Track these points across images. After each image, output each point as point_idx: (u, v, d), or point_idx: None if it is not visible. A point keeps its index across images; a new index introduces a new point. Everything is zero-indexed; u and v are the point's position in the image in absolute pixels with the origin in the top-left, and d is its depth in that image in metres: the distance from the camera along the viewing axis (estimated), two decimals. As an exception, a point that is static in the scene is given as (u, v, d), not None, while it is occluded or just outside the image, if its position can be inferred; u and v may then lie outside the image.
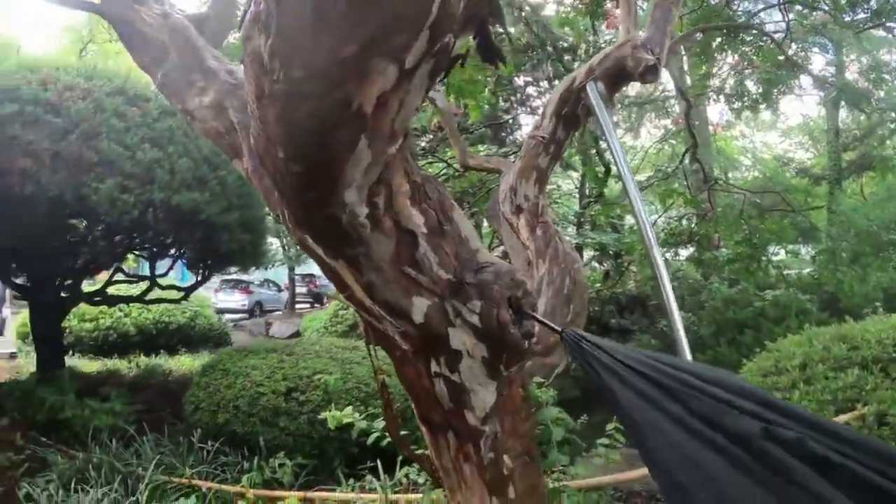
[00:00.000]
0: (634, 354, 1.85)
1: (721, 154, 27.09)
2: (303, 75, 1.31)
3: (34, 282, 8.86)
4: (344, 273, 2.08)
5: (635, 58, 4.37)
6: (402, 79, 1.36)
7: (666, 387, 1.71)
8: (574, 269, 4.47)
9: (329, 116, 1.38)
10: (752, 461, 1.51)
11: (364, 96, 1.35)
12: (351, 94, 1.33)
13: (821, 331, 6.14)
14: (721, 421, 1.58)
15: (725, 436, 1.56)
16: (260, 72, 1.37)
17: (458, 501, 2.75)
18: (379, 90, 1.35)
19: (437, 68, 1.47)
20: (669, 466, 1.64)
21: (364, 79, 1.31)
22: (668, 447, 1.65)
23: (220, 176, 7.66)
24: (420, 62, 1.36)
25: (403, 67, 1.34)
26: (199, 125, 3.06)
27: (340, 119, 1.39)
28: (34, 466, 6.06)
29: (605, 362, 1.87)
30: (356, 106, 1.35)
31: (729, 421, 1.56)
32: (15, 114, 6.21)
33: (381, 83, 1.34)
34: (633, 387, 1.77)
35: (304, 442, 5.82)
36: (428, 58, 1.38)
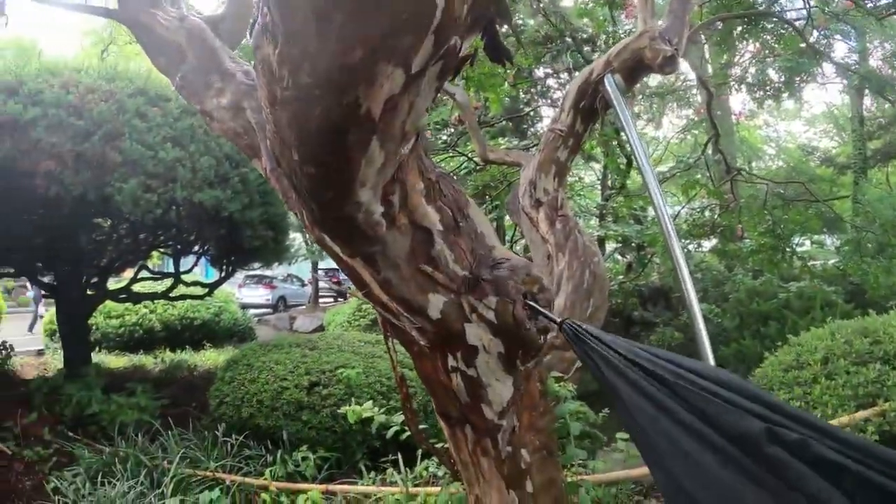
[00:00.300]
0: (635, 349, 1.84)
1: (744, 144, 26.80)
2: (311, 81, 1.33)
3: (61, 280, 9.01)
4: (361, 271, 2.11)
5: (653, 49, 4.34)
6: (410, 82, 1.38)
7: (666, 383, 1.70)
8: (594, 262, 4.46)
9: (339, 121, 1.40)
10: (753, 463, 1.49)
11: (372, 101, 1.37)
12: (359, 99, 1.35)
13: (843, 324, 6.07)
14: (722, 420, 1.56)
15: (726, 436, 1.55)
16: (270, 79, 1.40)
17: (476, 495, 2.78)
18: (387, 94, 1.37)
19: (445, 70, 1.49)
20: (668, 464, 1.63)
21: (371, 83, 1.33)
22: (668, 445, 1.64)
23: (242, 173, 7.73)
24: (427, 65, 1.38)
25: (410, 71, 1.36)
26: (218, 125, 3.10)
27: (350, 123, 1.41)
28: (62, 461, 6.18)
29: (604, 355, 1.86)
30: (364, 110, 1.37)
31: (731, 420, 1.54)
32: (38, 117, 6.30)
33: (388, 87, 1.36)
34: (633, 382, 1.76)
35: (326, 435, 5.87)
36: (435, 60, 1.39)
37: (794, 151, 28.49)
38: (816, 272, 15.57)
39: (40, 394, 7.52)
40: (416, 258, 2.04)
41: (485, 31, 2.00)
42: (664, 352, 1.83)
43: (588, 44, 13.19)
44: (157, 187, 6.72)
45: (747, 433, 1.50)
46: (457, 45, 1.42)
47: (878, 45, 13.06)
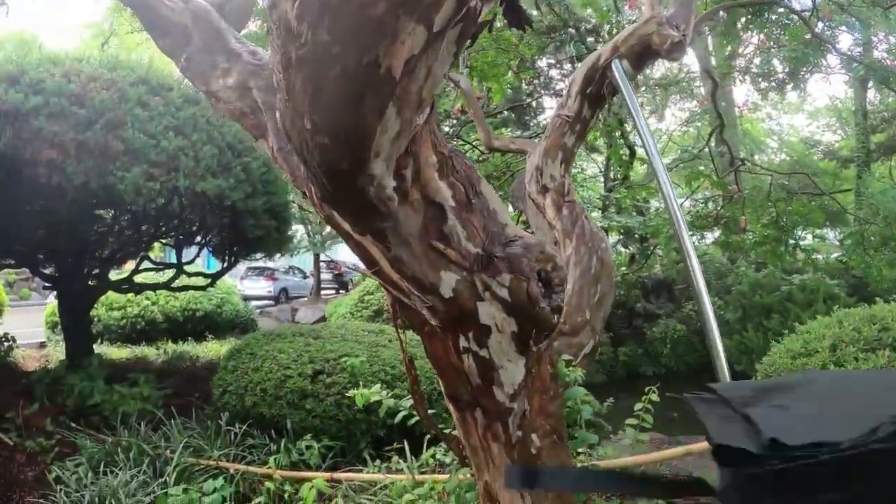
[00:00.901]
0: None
1: (747, 136, 26.77)
2: (329, 39, 1.29)
3: (62, 272, 8.97)
4: (371, 248, 2.07)
5: (661, 34, 4.31)
6: (431, 41, 1.34)
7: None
8: (601, 248, 4.44)
9: (357, 80, 1.36)
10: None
11: (393, 58, 1.33)
12: (379, 58, 1.31)
13: (850, 312, 6.05)
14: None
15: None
16: (287, 38, 1.35)
17: (486, 481, 2.74)
18: (408, 52, 1.33)
19: (464, 34, 1.45)
20: None
21: (393, 39, 1.29)
22: None
23: (245, 162, 7.69)
24: (448, 24, 1.34)
25: (432, 29, 1.32)
26: (224, 106, 3.06)
27: (369, 83, 1.37)
28: (64, 451, 6.16)
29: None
30: (385, 69, 1.33)
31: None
32: (40, 106, 6.25)
33: (409, 45, 1.32)
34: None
35: (330, 424, 5.84)
36: (455, 22, 1.35)
37: (796, 145, 28.44)
38: (819, 265, 15.55)
39: (42, 385, 7.49)
40: (427, 235, 2.00)
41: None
42: None
43: (592, 34, 13.13)
44: (160, 176, 6.67)
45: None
46: (477, 8, 1.38)
47: (882, 38, 12.98)
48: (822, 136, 31.14)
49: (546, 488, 2.20)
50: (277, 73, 1.51)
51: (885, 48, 13.21)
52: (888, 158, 22.91)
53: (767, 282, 14.03)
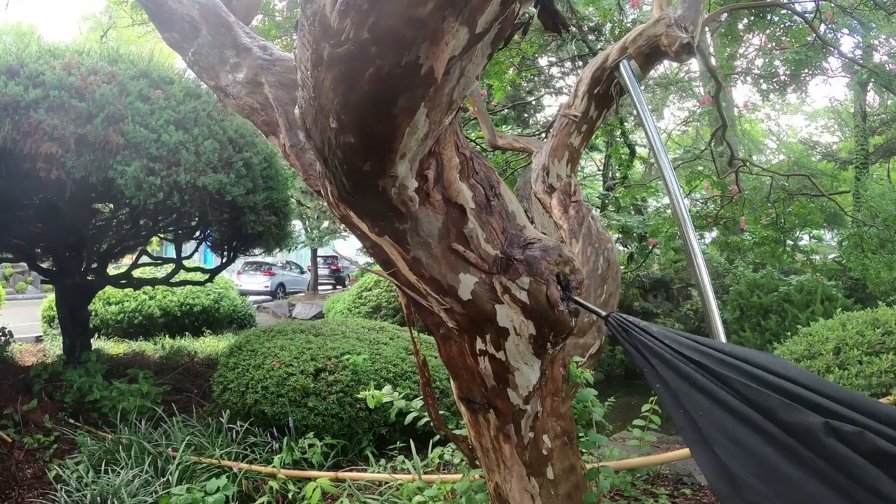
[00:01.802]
0: (683, 339, 1.80)
1: (746, 137, 26.81)
2: (369, 37, 1.26)
3: (60, 266, 8.91)
4: (389, 249, 2.05)
5: (669, 35, 4.28)
6: (472, 43, 1.32)
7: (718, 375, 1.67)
8: (607, 248, 4.42)
9: (393, 81, 1.33)
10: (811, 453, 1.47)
11: (435, 60, 1.30)
12: (420, 58, 1.28)
13: (854, 315, 6.05)
14: (780, 414, 1.54)
15: (782, 427, 1.53)
16: (322, 34, 1.32)
17: (496, 482, 2.73)
18: (450, 54, 1.31)
19: (499, 36, 1.42)
20: (718, 452, 1.61)
21: (437, 40, 1.27)
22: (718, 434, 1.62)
23: (246, 157, 7.63)
24: (491, 26, 1.31)
25: (475, 31, 1.29)
26: (233, 102, 3.03)
27: (405, 84, 1.34)
28: (63, 448, 6.11)
29: (652, 347, 1.83)
30: (426, 70, 1.30)
31: (787, 414, 1.53)
32: (40, 99, 6.18)
33: (452, 46, 1.29)
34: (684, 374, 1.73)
35: (332, 422, 5.80)
36: (496, 23, 1.32)
37: (795, 146, 28.47)
38: (817, 266, 15.58)
39: (40, 380, 7.43)
40: (448, 236, 1.98)
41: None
42: (713, 341, 1.79)
43: (594, 32, 13.09)
44: (160, 171, 6.61)
45: (806, 427, 1.47)
46: (515, 10, 1.36)
47: (884, 41, 12.99)
48: (820, 137, 31.25)
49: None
50: (304, 69, 1.48)
51: (885, 51, 13.21)
52: (886, 161, 22.97)
53: (765, 282, 14.05)
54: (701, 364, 1.70)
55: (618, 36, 11.39)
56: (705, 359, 1.71)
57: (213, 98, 7.19)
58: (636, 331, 1.89)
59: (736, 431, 1.58)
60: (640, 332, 1.89)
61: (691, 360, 1.73)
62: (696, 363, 1.72)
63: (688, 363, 1.73)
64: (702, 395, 1.68)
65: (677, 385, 1.74)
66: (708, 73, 11.07)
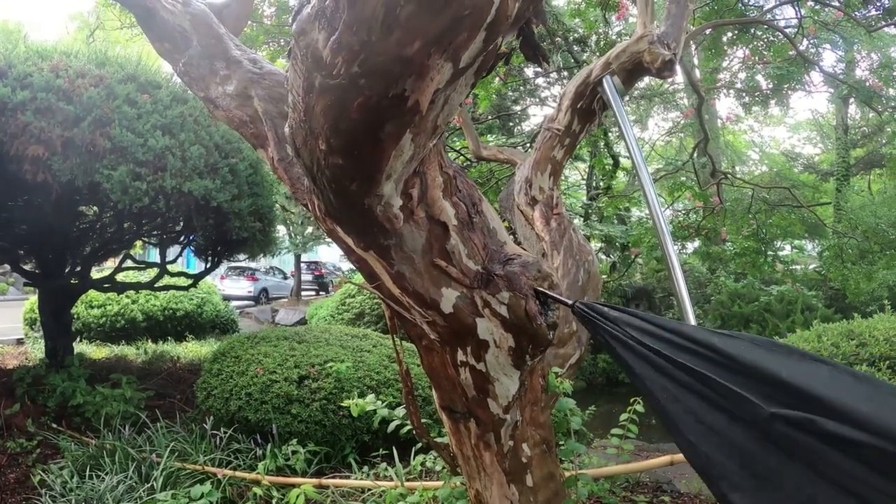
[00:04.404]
0: (645, 325, 1.86)
1: (729, 148, 27.08)
2: (358, 71, 1.32)
3: (44, 268, 8.88)
4: (374, 263, 2.11)
5: (652, 52, 4.37)
6: (456, 76, 1.39)
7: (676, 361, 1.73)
8: (588, 260, 4.49)
9: (380, 110, 1.40)
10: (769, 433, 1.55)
11: (421, 93, 1.37)
12: (406, 91, 1.35)
13: (830, 327, 6.16)
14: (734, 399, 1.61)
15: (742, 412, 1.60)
16: (314, 66, 1.39)
17: (477, 489, 2.79)
18: (435, 87, 1.38)
19: (482, 67, 1.49)
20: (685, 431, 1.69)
21: (423, 76, 1.34)
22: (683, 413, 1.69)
23: (231, 163, 7.65)
24: (474, 61, 1.39)
25: (458, 66, 1.37)
26: (222, 113, 3.07)
27: (392, 113, 1.41)
28: (46, 453, 6.08)
29: (616, 334, 1.90)
30: (412, 102, 1.37)
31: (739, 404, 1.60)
32: (28, 101, 6.17)
33: (437, 80, 1.36)
34: (643, 356, 1.81)
35: (316, 429, 5.84)
36: (479, 57, 1.40)
37: (777, 157, 28.80)
38: (798, 276, 15.78)
39: (23, 384, 7.40)
40: (431, 252, 2.04)
41: (520, 31, 2.01)
42: (672, 322, 1.85)
43: (579, 44, 13.23)
44: (147, 175, 6.62)
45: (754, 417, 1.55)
46: (498, 45, 1.43)
47: (864, 56, 13.21)
48: (802, 148, 31.65)
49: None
50: (295, 94, 1.54)
51: (866, 66, 13.43)
52: (867, 173, 23.30)
53: (746, 292, 14.24)
54: (659, 351, 1.77)
55: (603, 48, 11.53)
56: (664, 345, 1.77)
57: (199, 103, 7.21)
58: (600, 320, 1.96)
59: (696, 409, 1.66)
60: (603, 319, 1.95)
61: (650, 347, 1.79)
62: (654, 349, 1.78)
63: (648, 349, 1.80)
64: (663, 376, 1.75)
65: (642, 370, 1.81)
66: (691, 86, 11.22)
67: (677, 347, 1.75)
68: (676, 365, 1.73)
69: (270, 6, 12.63)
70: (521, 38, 2.08)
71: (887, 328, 5.65)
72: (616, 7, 10.18)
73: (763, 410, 1.54)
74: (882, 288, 13.43)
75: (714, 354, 1.68)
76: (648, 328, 1.84)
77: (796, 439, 1.50)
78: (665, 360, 1.76)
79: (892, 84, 11.27)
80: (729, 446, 1.61)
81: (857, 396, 1.49)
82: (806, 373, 1.58)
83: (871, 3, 10.65)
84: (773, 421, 1.53)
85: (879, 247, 13.55)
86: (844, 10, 9.97)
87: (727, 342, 1.70)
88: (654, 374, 1.78)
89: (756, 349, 1.67)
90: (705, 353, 1.70)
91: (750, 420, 1.58)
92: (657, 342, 1.79)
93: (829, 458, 1.45)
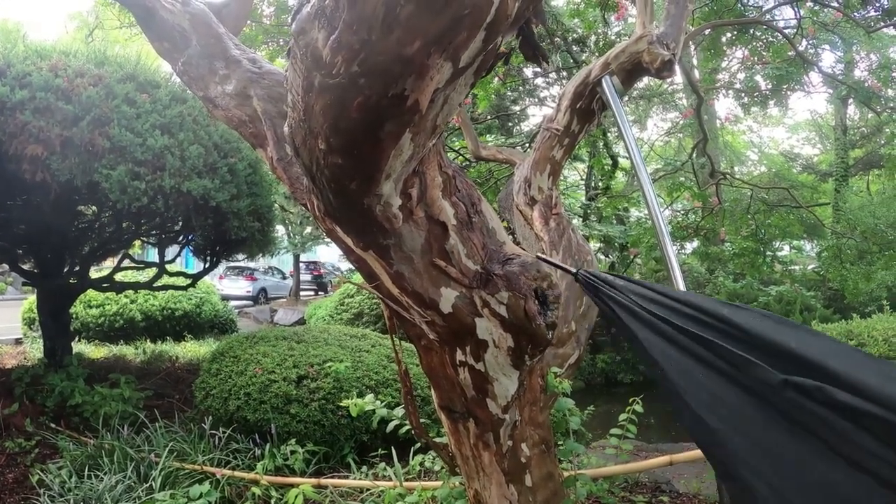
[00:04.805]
0: (648, 292, 1.83)
1: (728, 148, 27.10)
2: (358, 70, 1.32)
3: (42, 267, 8.87)
4: (373, 263, 2.11)
5: (651, 53, 4.37)
6: (455, 76, 1.39)
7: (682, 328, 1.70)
8: (587, 260, 4.50)
9: (380, 110, 1.40)
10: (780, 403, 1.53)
11: (421, 93, 1.37)
12: (406, 90, 1.35)
13: (829, 327, 6.17)
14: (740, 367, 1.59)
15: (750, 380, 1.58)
16: (313, 65, 1.39)
17: (476, 489, 2.79)
18: (434, 87, 1.38)
19: (481, 67, 1.49)
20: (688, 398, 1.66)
21: (422, 76, 1.34)
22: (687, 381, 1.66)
23: (230, 163, 7.64)
24: (473, 61, 1.39)
25: (458, 65, 1.37)
26: (221, 113, 3.07)
27: (392, 113, 1.41)
28: (45, 452, 6.07)
29: (622, 302, 1.88)
30: (412, 102, 1.37)
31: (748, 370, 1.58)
32: (26, 100, 6.16)
33: (437, 80, 1.37)
34: (649, 323, 1.77)
35: (314, 429, 5.83)
36: (479, 56, 1.40)
37: (776, 157, 28.82)
38: (796, 277, 15.79)
39: (21, 384, 7.39)
40: (430, 252, 2.04)
41: (520, 31, 2.01)
42: (678, 292, 1.83)
43: (578, 44, 13.23)
44: (146, 175, 6.61)
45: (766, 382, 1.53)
46: (497, 45, 1.43)
47: (864, 57, 13.22)
48: (801, 149, 31.66)
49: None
50: (295, 93, 1.54)
51: (865, 66, 13.44)
52: (866, 173, 23.33)
53: (745, 292, 14.23)
54: (666, 319, 1.74)
55: (602, 48, 11.53)
56: (671, 314, 1.73)
57: (198, 103, 7.20)
58: (604, 286, 1.94)
59: (704, 380, 1.63)
60: (608, 287, 1.93)
61: (657, 315, 1.76)
62: (660, 317, 1.76)
63: (654, 317, 1.77)
64: (670, 345, 1.72)
65: (646, 337, 1.77)
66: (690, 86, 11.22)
67: (685, 316, 1.72)
68: (685, 333, 1.70)
69: (269, 6, 12.63)
70: (521, 37, 2.08)
71: (886, 328, 5.65)
72: (615, 7, 10.18)
73: (775, 377, 1.51)
74: (880, 288, 13.43)
75: (723, 325, 1.65)
76: (655, 297, 1.81)
77: (809, 409, 1.47)
78: (673, 327, 1.72)
79: (891, 85, 11.29)
80: (740, 420, 1.57)
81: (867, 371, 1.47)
82: (815, 345, 1.55)
83: (870, 3, 10.66)
84: (785, 389, 1.50)
85: (878, 247, 13.56)
86: (843, 11, 9.98)
87: (736, 313, 1.67)
88: (661, 342, 1.74)
89: (765, 320, 1.64)
90: (714, 322, 1.66)
91: (761, 390, 1.55)
92: (664, 310, 1.76)
93: (842, 431, 1.43)
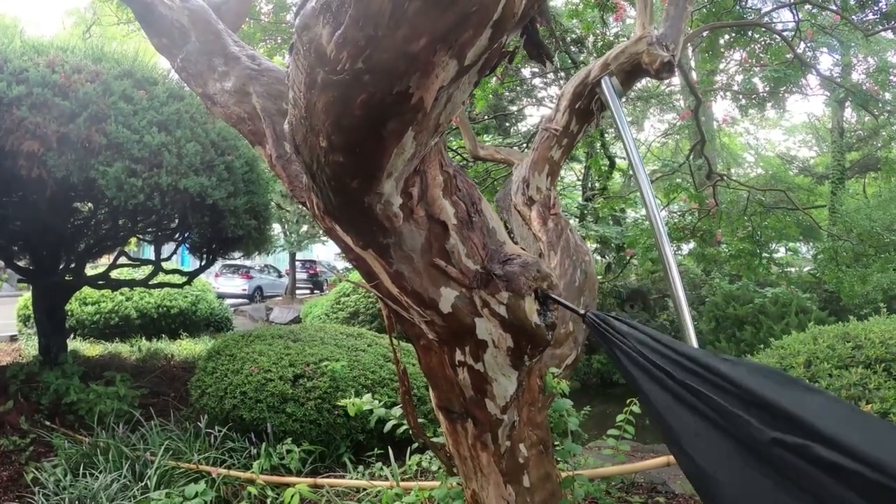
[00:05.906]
0: (655, 345, 1.89)
1: (724, 150, 27.15)
2: (363, 67, 1.31)
3: (38, 264, 8.84)
4: (372, 262, 2.10)
5: (651, 54, 4.37)
6: (461, 74, 1.38)
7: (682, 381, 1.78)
8: (585, 261, 4.49)
9: (384, 107, 1.39)
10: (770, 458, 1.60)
11: (426, 90, 1.36)
12: (410, 88, 1.34)
13: (825, 329, 6.16)
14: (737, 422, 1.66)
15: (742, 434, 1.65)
16: (316, 62, 1.37)
17: (473, 489, 2.78)
18: (440, 84, 1.37)
19: (486, 65, 1.48)
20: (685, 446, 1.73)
21: (428, 73, 1.33)
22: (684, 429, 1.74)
23: (227, 161, 7.61)
24: (479, 59, 1.38)
25: (463, 63, 1.36)
26: (220, 110, 3.05)
27: (395, 111, 1.40)
28: (40, 450, 6.04)
29: (626, 349, 1.92)
30: (416, 99, 1.36)
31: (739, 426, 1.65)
32: (23, 96, 6.12)
33: (442, 77, 1.36)
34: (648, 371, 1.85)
35: (310, 428, 5.81)
36: (484, 55, 1.39)
37: (773, 159, 28.87)
38: (792, 279, 15.82)
39: (16, 381, 7.36)
40: (430, 251, 2.03)
41: (525, 29, 2.01)
42: (678, 344, 1.88)
43: (576, 44, 13.24)
44: (142, 172, 6.58)
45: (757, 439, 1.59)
46: (503, 43, 1.42)
47: (861, 60, 13.25)
48: (798, 151, 31.74)
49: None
50: (296, 90, 1.53)
51: (863, 69, 13.48)
52: (862, 176, 23.39)
53: (741, 294, 14.24)
54: (667, 371, 1.81)
55: (601, 49, 11.54)
56: (672, 366, 1.81)
57: (196, 100, 7.18)
58: (610, 332, 1.99)
59: (700, 429, 1.71)
60: (614, 333, 1.98)
61: (659, 366, 1.83)
62: (663, 369, 1.82)
63: (656, 368, 1.84)
64: (671, 397, 1.79)
65: (650, 388, 1.84)
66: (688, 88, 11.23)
67: (685, 370, 1.79)
68: (684, 386, 1.77)
69: (268, 3, 12.62)
70: (525, 36, 2.07)
71: (882, 331, 5.65)
72: (614, 8, 10.19)
73: (765, 435, 1.59)
74: (876, 291, 13.46)
75: (720, 380, 1.72)
76: (658, 347, 1.88)
77: (794, 464, 1.54)
78: (673, 380, 1.80)
79: (889, 88, 11.32)
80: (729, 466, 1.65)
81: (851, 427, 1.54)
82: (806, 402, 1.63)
83: (868, 6, 10.68)
84: (773, 446, 1.57)
85: (874, 250, 13.60)
86: (842, 14, 10.00)
87: (733, 369, 1.74)
88: (661, 393, 1.82)
89: (761, 377, 1.72)
90: (712, 378, 1.74)
91: (751, 443, 1.62)
92: (666, 362, 1.83)
93: (824, 485, 1.49)
